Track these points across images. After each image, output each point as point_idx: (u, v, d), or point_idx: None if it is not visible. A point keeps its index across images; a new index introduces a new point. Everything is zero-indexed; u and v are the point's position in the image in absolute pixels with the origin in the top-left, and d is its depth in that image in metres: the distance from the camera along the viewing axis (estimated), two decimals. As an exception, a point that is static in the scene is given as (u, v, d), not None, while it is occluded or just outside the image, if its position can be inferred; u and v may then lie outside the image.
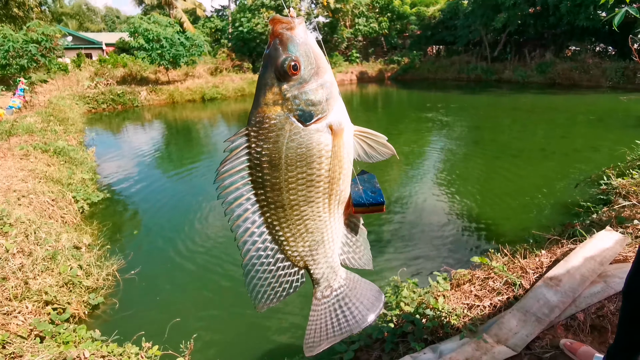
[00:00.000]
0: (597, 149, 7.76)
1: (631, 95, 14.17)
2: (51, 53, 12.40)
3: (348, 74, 25.24)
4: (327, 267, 0.93)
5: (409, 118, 12.74)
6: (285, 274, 0.90)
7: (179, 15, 23.26)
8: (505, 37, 22.83)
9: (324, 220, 0.88)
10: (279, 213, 0.84)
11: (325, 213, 0.87)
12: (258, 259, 0.87)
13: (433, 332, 2.31)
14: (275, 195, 0.82)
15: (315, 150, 0.80)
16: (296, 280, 0.92)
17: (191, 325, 3.16)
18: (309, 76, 0.76)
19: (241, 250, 0.86)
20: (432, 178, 6.59)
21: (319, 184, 0.83)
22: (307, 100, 0.77)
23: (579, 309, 2.19)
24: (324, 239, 0.90)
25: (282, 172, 0.80)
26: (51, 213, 4.60)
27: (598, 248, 2.60)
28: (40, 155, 6.28)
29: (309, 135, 0.78)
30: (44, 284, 3.14)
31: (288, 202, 0.82)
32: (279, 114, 0.77)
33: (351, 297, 0.96)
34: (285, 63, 0.74)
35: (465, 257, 3.91)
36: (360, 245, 0.99)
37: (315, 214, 0.86)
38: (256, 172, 0.80)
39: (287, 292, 0.91)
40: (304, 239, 0.88)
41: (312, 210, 0.85)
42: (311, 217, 0.86)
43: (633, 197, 3.87)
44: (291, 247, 0.88)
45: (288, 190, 0.81)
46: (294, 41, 0.74)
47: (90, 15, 48.25)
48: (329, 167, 0.82)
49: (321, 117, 0.79)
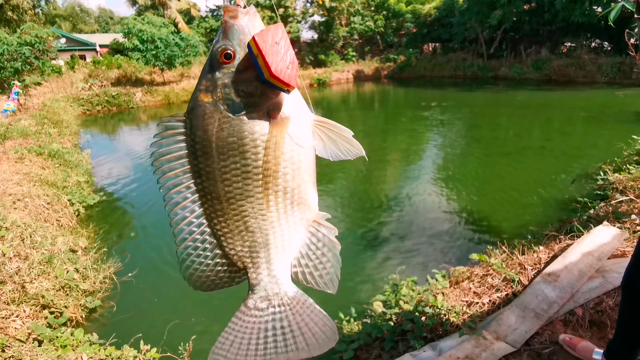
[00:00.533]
0: (594, 145, 7.79)
1: (627, 90, 14.24)
2: (45, 55, 12.31)
3: (344, 72, 25.22)
4: (268, 275, 0.83)
5: (405, 116, 12.75)
6: (224, 269, 0.85)
7: (174, 15, 23.16)
8: (500, 34, 22.87)
9: (269, 220, 0.80)
10: (215, 205, 0.79)
11: (272, 213, 0.80)
12: (195, 250, 0.83)
13: (432, 329, 2.30)
14: (211, 186, 0.78)
15: (248, 139, 0.75)
16: (238, 277, 0.87)
17: (190, 327, 3.14)
18: (244, 66, 0.74)
19: (176, 238, 0.82)
20: (430, 176, 6.59)
21: (257, 176, 0.77)
22: (239, 91, 0.74)
23: (577, 305, 2.19)
24: (269, 243, 0.81)
25: (214, 161, 0.76)
26: (47, 216, 4.56)
27: (596, 243, 2.60)
28: (35, 158, 6.24)
29: (240, 124, 0.75)
30: (41, 288, 3.12)
31: (224, 194, 0.78)
32: (209, 102, 0.75)
33: (292, 323, 0.82)
34: (218, 51, 0.74)
35: (463, 255, 3.92)
36: (325, 262, 0.83)
37: (257, 211, 0.79)
38: (193, 160, 0.78)
39: (229, 284, 0.87)
40: (243, 238, 0.81)
41: (252, 206, 0.79)
42: (251, 214, 0.79)
43: (630, 192, 3.88)
44: (229, 243, 0.82)
45: (222, 181, 0.77)
46: (233, 30, 0.73)
47: (84, 16, 47.98)
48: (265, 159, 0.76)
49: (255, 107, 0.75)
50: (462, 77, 23.37)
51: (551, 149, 7.72)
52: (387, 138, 9.67)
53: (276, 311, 0.83)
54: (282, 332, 0.83)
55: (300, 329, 0.83)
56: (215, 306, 3.54)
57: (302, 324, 0.83)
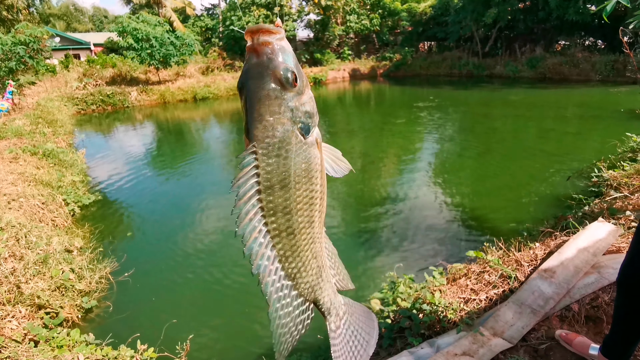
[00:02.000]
0: (588, 142, 7.84)
1: (621, 88, 14.35)
2: (39, 55, 12.20)
3: (340, 71, 25.21)
4: (331, 292, 0.87)
5: (401, 114, 12.77)
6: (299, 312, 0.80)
7: (168, 14, 23.03)
8: (495, 33, 22.94)
9: (320, 241, 0.82)
10: (290, 241, 0.76)
11: (320, 234, 0.82)
12: (279, 302, 0.76)
13: (430, 326, 2.31)
14: (287, 220, 0.74)
15: (313, 164, 0.76)
16: (307, 317, 0.82)
17: (187, 326, 3.13)
18: (303, 87, 0.73)
19: (266, 297, 0.75)
20: (426, 174, 6.61)
21: (316, 201, 0.78)
22: (306, 112, 0.73)
23: (573, 300, 2.20)
24: (324, 263, 0.84)
25: (291, 191, 0.73)
26: (41, 216, 4.53)
27: (591, 239, 2.62)
28: (30, 158, 6.19)
29: (309, 148, 0.75)
30: (36, 288, 3.10)
31: (297, 226, 0.76)
32: (286, 127, 0.71)
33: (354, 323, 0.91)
34: (288, 73, 0.70)
35: (460, 252, 3.93)
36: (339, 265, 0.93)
37: (316, 235, 0.80)
38: (267, 196, 0.72)
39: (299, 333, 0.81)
40: (312, 266, 0.81)
41: (313, 231, 0.79)
42: (314, 239, 0.80)
43: (624, 189, 3.91)
44: (303, 278, 0.80)
45: (297, 212, 0.75)
46: (287, 52, 0.71)
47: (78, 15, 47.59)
48: (321, 182, 0.78)
49: (312, 129, 0.76)
50: (457, 75, 23.44)
51: (546, 146, 7.77)
52: (383, 136, 9.68)
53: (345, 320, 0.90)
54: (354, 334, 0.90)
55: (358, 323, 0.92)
56: (212, 307, 3.54)
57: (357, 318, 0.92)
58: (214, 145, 10.38)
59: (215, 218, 5.27)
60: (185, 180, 7.16)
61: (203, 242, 4.63)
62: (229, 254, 4.32)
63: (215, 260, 4.25)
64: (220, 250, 4.43)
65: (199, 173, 7.64)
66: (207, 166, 8.20)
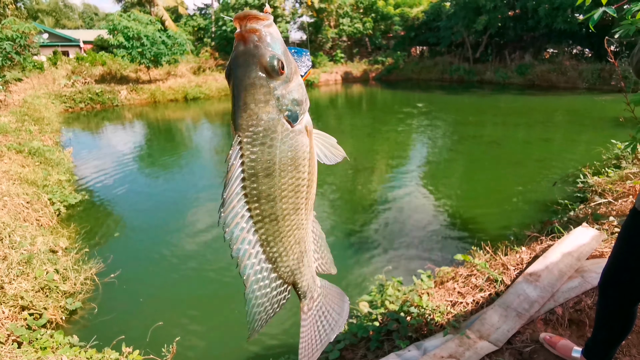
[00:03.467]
0: (574, 149, 8.00)
1: (607, 96, 14.67)
2: (26, 51, 11.97)
3: (333, 74, 25.28)
4: (310, 277, 0.89)
5: (392, 118, 12.85)
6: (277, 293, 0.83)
7: (160, 13, 22.83)
8: (486, 39, 23.29)
9: (305, 228, 0.83)
10: (273, 227, 0.77)
11: (306, 220, 0.83)
12: (257, 283, 0.78)
13: (417, 329, 2.32)
14: (270, 207, 0.75)
15: (301, 152, 0.75)
16: (283, 298, 0.85)
17: (173, 328, 3.09)
18: (291, 75, 0.72)
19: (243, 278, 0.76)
20: (416, 178, 6.66)
21: (303, 188, 0.78)
22: (293, 100, 0.72)
23: (557, 304, 2.24)
24: (307, 249, 0.86)
25: (276, 179, 0.74)
26: (26, 216, 4.44)
27: (575, 244, 2.67)
28: (15, 156, 6.07)
29: (296, 136, 0.74)
30: (20, 289, 3.03)
31: (281, 213, 0.77)
32: (271, 116, 0.71)
33: (326, 304, 0.94)
34: (274, 61, 0.69)
35: (448, 255, 3.97)
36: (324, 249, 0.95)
37: (300, 222, 0.81)
38: (251, 184, 0.73)
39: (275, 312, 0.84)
40: (294, 251, 0.82)
41: (298, 218, 0.80)
42: (298, 226, 0.81)
43: (608, 195, 3.99)
44: (284, 262, 0.81)
45: (281, 199, 0.75)
46: (275, 38, 0.70)
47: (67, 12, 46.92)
48: (309, 170, 0.78)
49: (302, 118, 0.75)
50: (448, 80, 23.70)
51: (533, 152, 7.90)
52: (374, 140, 9.73)
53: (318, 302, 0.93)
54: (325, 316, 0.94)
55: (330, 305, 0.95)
56: (198, 309, 3.50)
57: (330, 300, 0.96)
58: (204, 146, 10.32)
59: (204, 219, 5.23)
60: (174, 181, 7.10)
61: (191, 243, 4.59)
62: (218, 255, 4.29)
63: (204, 261, 4.21)
64: (208, 251, 4.39)
65: (188, 173, 7.58)
66: (196, 167, 8.14)
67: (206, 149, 9.85)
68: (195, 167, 8.13)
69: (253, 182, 0.73)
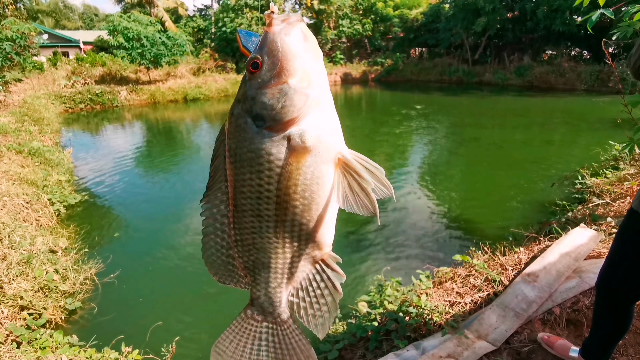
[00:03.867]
0: (572, 150, 8.02)
1: (605, 97, 14.71)
2: (26, 51, 11.97)
3: (332, 75, 25.32)
4: (265, 295, 0.84)
5: (392, 119, 12.88)
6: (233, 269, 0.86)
7: (160, 14, 22.87)
8: (485, 41, 23.36)
9: (273, 245, 0.79)
10: (235, 211, 0.80)
11: (278, 240, 0.78)
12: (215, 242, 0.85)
13: (416, 329, 2.33)
14: (231, 192, 0.79)
15: (263, 159, 0.72)
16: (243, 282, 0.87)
17: (173, 328, 3.10)
18: (269, 77, 0.70)
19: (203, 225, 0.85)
20: (414, 179, 6.68)
21: (268, 200, 0.75)
22: (261, 103, 0.71)
23: (555, 304, 2.25)
24: (270, 266, 0.81)
25: (237, 170, 0.76)
26: (26, 216, 4.44)
27: (573, 244, 2.68)
28: (14, 156, 6.07)
29: (259, 140, 0.72)
30: (19, 289, 3.04)
31: (239, 204, 0.78)
32: (239, 112, 0.73)
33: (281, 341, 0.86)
34: (249, 61, 0.71)
35: (447, 256, 3.98)
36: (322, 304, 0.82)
37: (265, 232, 0.78)
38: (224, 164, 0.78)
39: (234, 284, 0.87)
40: (250, 252, 0.82)
41: (260, 225, 0.78)
42: (259, 233, 0.78)
43: (606, 196, 4.01)
44: (239, 250, 0.83)
45: (240, 192, 0.77)
46: (265, 39, 0.71)
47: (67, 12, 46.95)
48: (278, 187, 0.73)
49: (274, 125, 0.71)
50: (447, 81, 23.75)
51: (532, 153, 7.92)
52: (373, 141, 9.75)
53: (269, 327, 0.86)
54: (273, 346, 0.86)
55: (287, 351, 0.85)
56: (198, 309, 3.51)
57: (289, 347, 0.85)
58: (204, 146, 10.32)
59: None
60: (174, 181, 7.11)
61: (191, 243, 4.60)
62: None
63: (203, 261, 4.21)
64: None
65: (188, 174, 7.59)
66: (196, 167, 8.14)
67: (205, 150, 9.86)
68: (194, 167, 8.13)
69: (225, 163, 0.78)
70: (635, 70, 1.26)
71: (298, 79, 0.70)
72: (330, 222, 0.82)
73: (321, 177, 0.74)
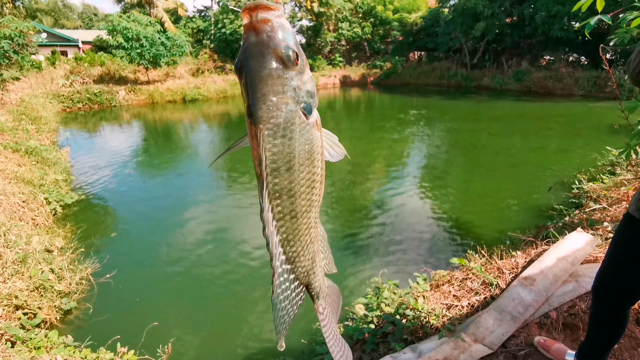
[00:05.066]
0: (570, 155, 8.05)
1: (602, 103, 14.79)
2: (24, 50, 11.95)
3: (331, 77, 25.38)
4: (321, 277, 0.88)
5: (390, 123, 12.91)
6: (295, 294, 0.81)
7: (160, 14, 22.83)
8: (484, 45, 23.48)
9: (317, 226, 0.81)
10: (293, 224, 0.75)
11: (317, 218, 0.80)
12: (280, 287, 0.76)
13: (413, 332, 2.33)
14: (290, 204, 0.73)
15: (315, 146, 0.73)
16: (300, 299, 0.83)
17: (169, 329, 3.09)
18: (303, 66, 0.70)
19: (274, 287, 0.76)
20: (413, 182, 6.69)
21: (317, 184, 0.76)
22: (308, 92, 0.71)
23: (552, 308, 2.26)
24: (318, 248, 0.84)
25: (295, 173, 0.72)
26: (21, 215, 4.42)
27: (570, 249, 2.69)
28: (11, 155, 6.05)
29: (311, 129, 0.72)
30: (14, 288, 3.02)
31: (300, 209, 0.74)
32: (290, 107, 0.69)
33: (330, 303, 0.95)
34: (289, 51, 0.67)
35: (444, 259, 3.98)
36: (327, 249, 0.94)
37: (314, 219, 0.79)
38: (273, 179, 0.71)
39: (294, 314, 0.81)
40: (309, 250, 0.80)
41: (313, 215, 0.78)
42: (313, 224, 0.79)
43: (603, 201, 4.03)
44: (301, 261, 0.79)
45: (300, 194, 0.73)
46: (287, 29, 0.68)
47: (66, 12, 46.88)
48: (321, 165, 0.76)
49: (313, 110, 0.73)
50: (446, 85, 23.85)
51: (529, 157, 7.95)
52: (371, 144, 9.76)
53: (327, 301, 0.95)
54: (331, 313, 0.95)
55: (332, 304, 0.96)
56: (195, 310, 3.50)
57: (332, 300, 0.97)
58: (202, 147, 10.31)
59: (201, 220, 5.23)
60: (171, 181, 7.09)
61: (188, 244, 4.58)
62: (214, 256, 4.28)
63: (200, 262, 4.20)
64: (204, 252, 4.39)
65: (185, 174, 7.57)
66: (194, 167, 8.13)
67: (203, 151, 9.85)
68: (192, 168, 8.12)
69: (275, 177, 0.71)
70: (634, 77, 1.27)
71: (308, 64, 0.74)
72: None
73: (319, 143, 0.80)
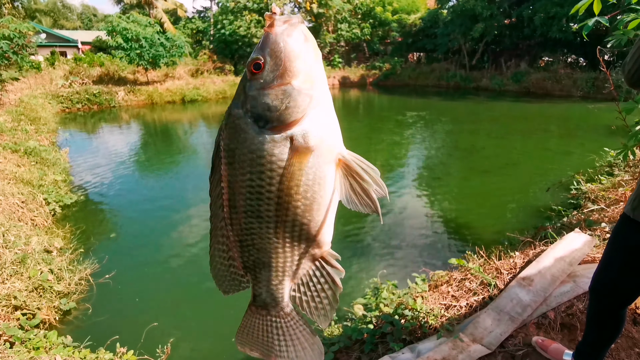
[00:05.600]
0: (568, 156, 8.08)
1: (600, 104, 14.82)
2: (23, 50, 11.94)
3: (330, 78, 25.37)
4: (267, 292, 0.85)
5: (389, 123, 12.93)
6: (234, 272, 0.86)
7: (159, 15, 22.85)
8: (482, 47, 23.52)
9: (273, 245, 0.80)
10: (232, 213, 0.79)
11: (278, 240, 0.79)
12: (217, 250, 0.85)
13: (411, 332, 2.34)
14: (232, 195, 0.78)
15: (265, 160, 0.72)
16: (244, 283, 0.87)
17: (168, 329, 3.08)
18: (272, 79, 0.70)
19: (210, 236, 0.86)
20: (411, 183, 6.70)
21: (269, 200, 0.75)
22: (263, 104, 0.71)
23: (549, 308, 2.27)
24: (271, 265, 0.82)
25: (236, 171, 0.75)
26: (21, 215, 4.42)
27: (568, 249, 2.70)
28: (10, 155, 6.04)
29: (260, 141, 0.72)
30: (13, 289, 3.02)
31: (240, 205, 0.77)
32: (238, 112, 0.73)
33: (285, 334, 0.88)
34: (251, 61, 0.71)
35: (443, 259, 3.99)
36: (323, 298, 0.85)
37: (264, 232, 0.78)
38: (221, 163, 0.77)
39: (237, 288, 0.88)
40: (250, 252, 0.82)
41: (260, 226, 0.78)
42: (258, 233, 0.79)
43: (601, 202, 4.05)
44: (240, 251, 0.83)
45: (240, 193, 0.76)
46: (268, 40, 0.71)
47: (66, 12, 46.84)
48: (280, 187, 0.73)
49: (277, 126, 0.71)
50: (445, 86, 23.88)
51: (527, 158, 7.97)
52: (371, 145, 9.77)
53: (273, 320, 0.88)
54: (278, 338, 0.88)
55: (292, 341, 0.88)
56: (194, 310, 3.50)
57: (294, 337, 0.88)
58: (201, 148, 10.31)
59: (200, 220, 5.23)
60: (170, 182, 7.09)
61: (188, 244, 4.59)
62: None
63: (199, 262, 4.21)
64: (204, 252, 4.39)
65: (184, 175, 7.58)
66: (193, 168, 8.13)
67: (203, 151, 9.85)
68: (191, 169, 8.12)
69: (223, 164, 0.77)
70: (630, 78, 1.28)
71: (301, 80, 0.71)
72: (330, 221, 0.83)
73: (323, 177, 0.75)
